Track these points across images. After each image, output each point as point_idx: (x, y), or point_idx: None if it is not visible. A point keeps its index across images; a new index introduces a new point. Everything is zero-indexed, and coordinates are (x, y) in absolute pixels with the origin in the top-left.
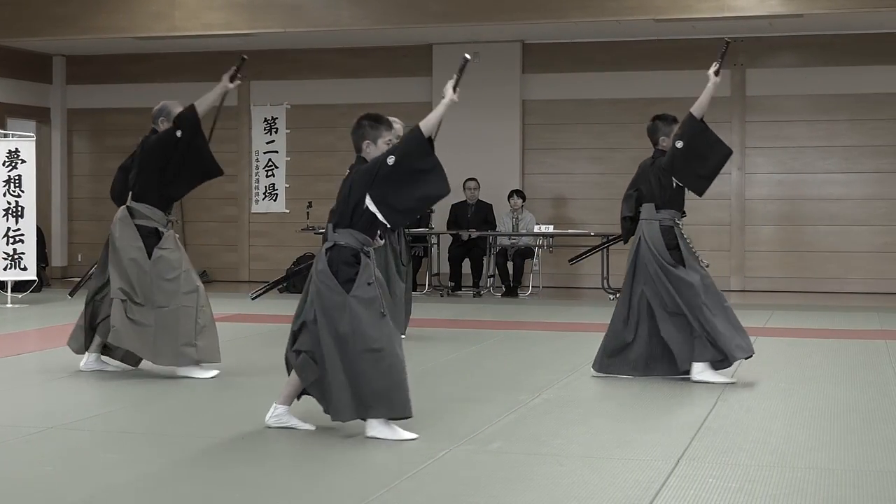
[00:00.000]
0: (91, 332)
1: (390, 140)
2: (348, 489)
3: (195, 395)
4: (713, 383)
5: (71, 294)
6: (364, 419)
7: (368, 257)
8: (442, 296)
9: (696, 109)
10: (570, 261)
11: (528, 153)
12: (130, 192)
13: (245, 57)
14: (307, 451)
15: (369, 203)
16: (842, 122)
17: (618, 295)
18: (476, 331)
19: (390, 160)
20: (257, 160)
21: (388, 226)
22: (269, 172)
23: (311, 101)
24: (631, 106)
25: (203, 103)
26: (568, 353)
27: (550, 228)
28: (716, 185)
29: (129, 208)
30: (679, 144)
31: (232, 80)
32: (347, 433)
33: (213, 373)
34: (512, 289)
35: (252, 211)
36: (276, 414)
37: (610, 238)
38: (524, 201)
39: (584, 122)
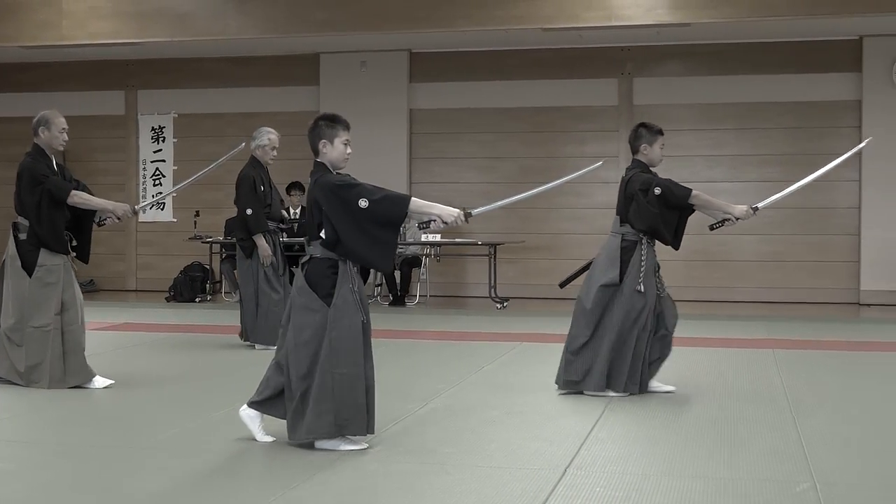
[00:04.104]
0: None
1: (347, 140)
2: (233, 498)
3: (88, 404)
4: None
5: None
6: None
7: (346, 264)
8: None
9: (697, 197)
10: (560, 285)
11: (416, 162)
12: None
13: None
14: (198, 459)
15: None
16: (728, 130)
17: (505, 304)
18: None
19: (363, 203)
20: (144, 169)
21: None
22: (157, 181)
23: (198, 111)
24: (518, 115)
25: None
26: (455, 362)
27: (437, 237)
28: (601, 195)
29: (14, 224)
30: (657, 192)
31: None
32: (238, 440)
33: None
34: (399, 297)
35: (139, 220)
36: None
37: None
38: None
39: (472, 131)
